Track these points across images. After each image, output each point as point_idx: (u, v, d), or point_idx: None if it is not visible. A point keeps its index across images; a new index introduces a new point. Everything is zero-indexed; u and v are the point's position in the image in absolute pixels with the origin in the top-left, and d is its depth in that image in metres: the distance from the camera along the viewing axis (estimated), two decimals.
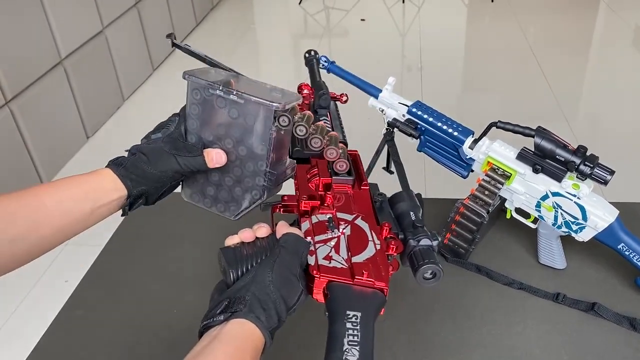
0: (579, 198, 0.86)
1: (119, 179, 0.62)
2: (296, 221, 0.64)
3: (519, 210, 0.94)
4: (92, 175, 0.62)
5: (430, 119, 0.95)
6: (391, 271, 0.57)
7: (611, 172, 0.82)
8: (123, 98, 3.13)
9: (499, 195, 0.93)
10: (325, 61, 0.98)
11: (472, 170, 0.96)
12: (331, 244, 0.59)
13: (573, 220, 0.88)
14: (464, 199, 0.93)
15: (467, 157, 0.94)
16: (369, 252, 0.58)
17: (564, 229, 0.90)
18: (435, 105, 0.97)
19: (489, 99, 3.13)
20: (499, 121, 0.89)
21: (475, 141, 0.93)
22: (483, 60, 3.57)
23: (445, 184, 1.40)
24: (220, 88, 0.63)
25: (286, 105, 0.62)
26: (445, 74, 3.39)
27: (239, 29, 4.26)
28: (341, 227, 0.61)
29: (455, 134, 0.93)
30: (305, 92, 0.84)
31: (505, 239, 1.02)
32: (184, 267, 0.99)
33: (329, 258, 0.57)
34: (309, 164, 0.70)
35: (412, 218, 0.62)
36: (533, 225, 0.95)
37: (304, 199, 0.64)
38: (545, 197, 0.89)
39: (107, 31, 2.94)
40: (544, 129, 0.87)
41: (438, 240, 0.60)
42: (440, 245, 1.00)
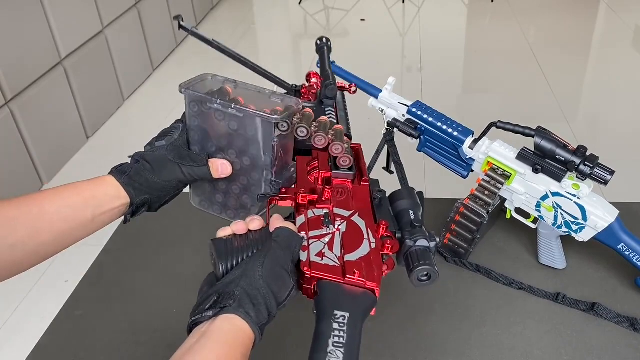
0: (579, 198, 0.86)
1: (122, 187, 0.62)
2: (292, 214, 0.62)
3: (519, 210, 0.94)
4: (95, 182, 0.62)
5: (430, 119, 0.95)
6: (386, 270, 0.56)
7: (611, 172, 0.82)
8: (123, 98, 3.13)
9: (499, 195, 0.93)
10: None
11: (472, 170, 0.96)
12: (325, 240, 0.57)
13: (573, 220, 0.88)
14: (464, 199, 0.93)
15: (467, 157, 0.94)
16: (363, 251, 0.55)
17: (564, 229, 0.90)
18: (435, 105, 0.97)
19: (489, 99, 3.13)
20: (499, 121, 0.89)
21: (475, 141, 0.93)
22: (483, 61, 3.57)
23: (445, 184, 1.40)
24: (218, 102, 0.62)
25: (286, 117, 0.61)
26: (445, 74, 3.39)
27: (239, 29, 4.26)
28: (337, 224, 0.59)
29: (455, 134, 0.93)
30: (313, 81, 0.83)
31: (505, 239, 1.02)
32: (183, 267, 0.99)
33: (321, 255, 0.55)
34: (310, 155, 0.68)
35: (411, 217, 0.60)
36: (533, 225, 0.95)
37: (301, 192, 0.62)
38: (545, 197, 0.89)
39: (107, 31, 2.94)
40: (544, 129, 0.87)
41: (436, 242, 0.58)
42: (440, 246, 1.01)
